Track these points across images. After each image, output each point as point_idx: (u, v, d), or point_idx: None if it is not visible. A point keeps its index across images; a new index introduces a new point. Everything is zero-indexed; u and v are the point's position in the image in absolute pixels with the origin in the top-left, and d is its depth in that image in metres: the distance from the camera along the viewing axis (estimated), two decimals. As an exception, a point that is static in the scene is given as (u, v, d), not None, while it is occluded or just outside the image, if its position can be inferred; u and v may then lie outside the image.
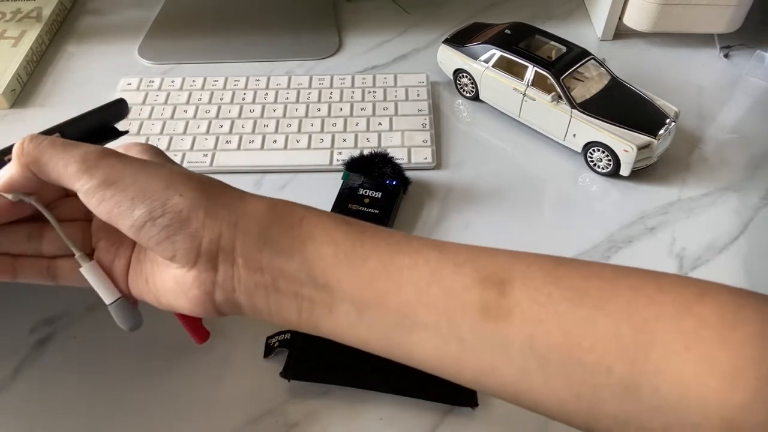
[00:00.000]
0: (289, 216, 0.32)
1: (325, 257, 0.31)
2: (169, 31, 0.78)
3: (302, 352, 0.45)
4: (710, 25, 0.70)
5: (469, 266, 0.30)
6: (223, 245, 0.31)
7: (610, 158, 0.57)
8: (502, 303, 0.28)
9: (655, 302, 0.27)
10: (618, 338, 0.27)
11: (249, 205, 0.33)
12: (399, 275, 0.30)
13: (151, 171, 0.32)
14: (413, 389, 0.43)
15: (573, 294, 0.28)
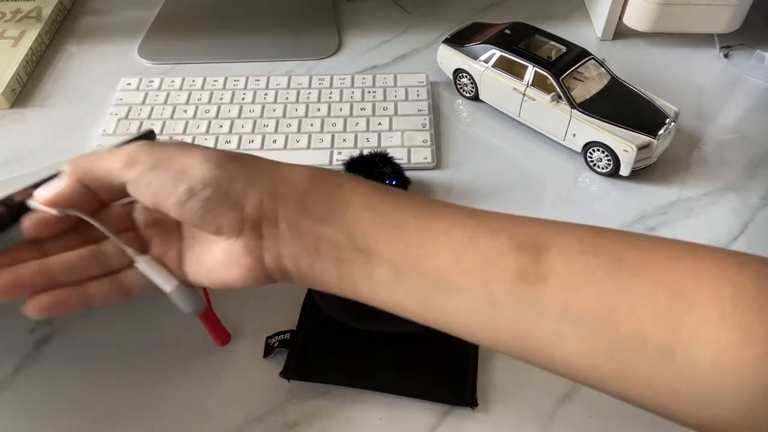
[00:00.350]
0: (328, 182, 0.33)
1: (363, 222, 0.32)
2: (169, 31, 0.78)
3: (302, 352, 0.45)
4: (710, 25, 0.70)
5: (505, 233, 0.30)
6: (265, 212, 0.32)
7: (609, 158, 0.57)
8: (538, 269, 0.29)
9: (693, 271, 0.27)
10: (654, 305, 0.27)
11: (286, 173, 0.33)
12: (436, 241, 0.30)
13: (189, 151, 0.34)
14: (413, 389, 0.43)
15: (610, 261, 0.28)
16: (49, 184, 0.34)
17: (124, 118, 0.65)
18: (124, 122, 0.64)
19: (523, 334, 0.30)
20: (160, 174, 0.33)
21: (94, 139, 0.63)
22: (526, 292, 0.29)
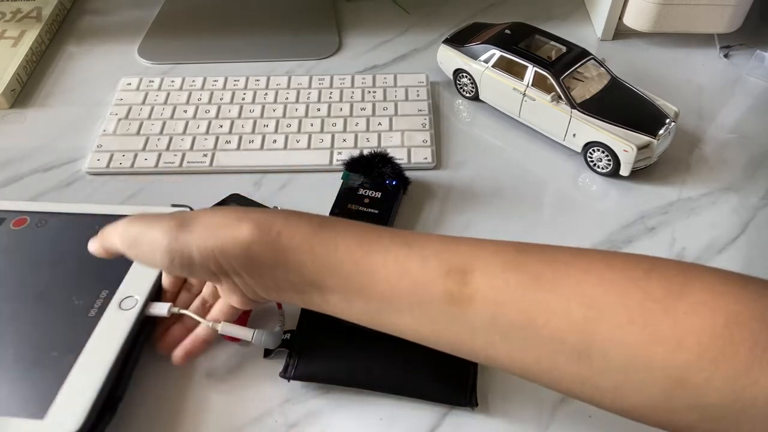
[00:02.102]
0: (269, 233, 0.36)
1: (306, 264, 0.36)
2: (169, 31, 0.78)
3: (302, 352, 0.45)
4: (710, 25, 0.70)
5: (435, 260, 0.34)
6: (225, 269, 0.38)
7: (610, 158, 0.57)
8: (465, 290, 0.33)
9: (604, 280, 0.31)
10: (569, 315, 0.31)
11: (229, 231, 0.37)
12: (373, 273, 0.35)
13: (152, 226, 0.39)
14: (413, 390, 0.43)
15: (529, 278, 0.32)
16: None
17: (124, 118, 0.65)
18: (124, 122, 0.64)
19: (460, 343, 0.34)
20: (137, 251, 0.39)
21: (94, 139, 0.63)
22: (455, 311, 0.33)
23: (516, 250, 0.34)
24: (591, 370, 0.31)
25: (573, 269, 0.32)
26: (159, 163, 0.60)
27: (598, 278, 0.31)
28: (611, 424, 0.43)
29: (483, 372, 0.45)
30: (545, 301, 0.31)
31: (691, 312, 0.28)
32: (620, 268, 0.31)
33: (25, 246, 0.51)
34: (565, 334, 0.31)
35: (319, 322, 0.46)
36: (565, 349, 0.31)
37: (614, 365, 0.30)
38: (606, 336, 0.30)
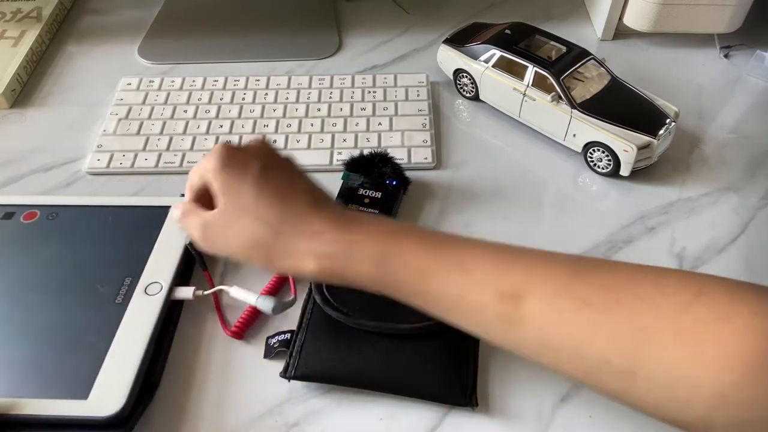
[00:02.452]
0: (331, 268, 0.39)
1: (369, 287, 0.39)
2: (169, 31, 0.78)
3: (302, 352, 0.45)
4: (710, 25, 0.70)
5: (489, 287, 0.36)
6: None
7: (610, 158, 0.57)
8: (517, 313, 0.35)
9: (654, 306, 0.32)
10: (617, 339, 0.32)
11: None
12: (434, 297, 0.38)
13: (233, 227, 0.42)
14: (413, 390, 0.43)
15: (579, 304, 0.34)
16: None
17: (124, 118, 0.65)
18: (124, 122, 0.64)
19: (512, 349, 0.37)
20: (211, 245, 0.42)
21: (94, 139, 0.63)
22: (508, 329, 0.36)
23: (569, 273, 0.35)
24: (635, 388, 0.32)
25: (624, 295, 0.33)
26: (159, 163, 0.60)
27: (648, 304, 0.32)
28: (611, 424, 0.43)
29: (483, 372, 0.45)
30: (594, 325, 0.33)
31: (737, 334, 0.30)
32: (671, 293, 0.32)
33: (40, 239, 0.52)
34: (611, 356, 0.32)
35: (319, 322, 0.46)
36: (611, 369, 0.32)
37: (659, 384, 0.31)
38: (652, 358, 0.31)
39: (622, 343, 0.32)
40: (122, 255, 0.50)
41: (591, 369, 0.33)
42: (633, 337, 0.32)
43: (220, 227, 0.40)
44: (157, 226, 0.52)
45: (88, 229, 0.52)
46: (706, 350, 0.30)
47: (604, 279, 0.35)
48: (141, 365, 0.43)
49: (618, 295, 0.33)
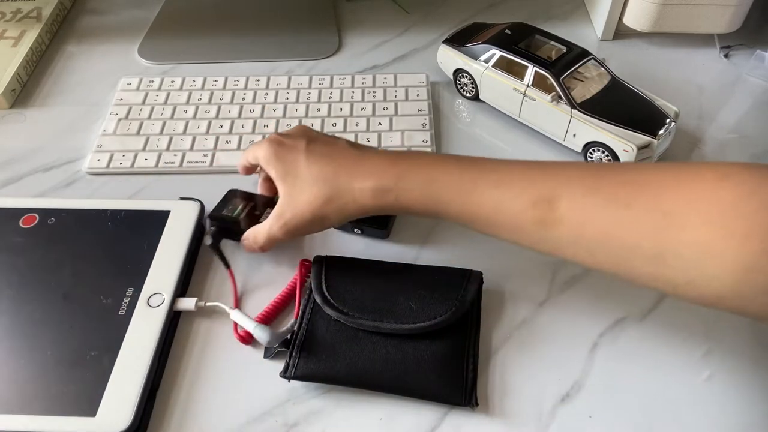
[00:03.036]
0: (384, 198, 0.45)
1: (417, 212, 0.45)
2: (169, 31, 0.78)
3: (302, 352, 0.45)
4: (710, 25, 0.70)
5: (525, 195, 0.40)
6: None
7: (610, 158, 0.57)
8: (552, 215, 0.39)
9: (678, 192, 0.36)
10: (645, 226, 0.36)
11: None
12: (475, 214, 0.42)
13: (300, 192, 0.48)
14: (413, 390, 0.43)
15: (607, 200, 0.38)
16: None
17: (124, 118, 0.65)
18: (124, 122, 0.64)
19: (551, 253, 0.41)
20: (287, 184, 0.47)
21: (94, 139, 0.63)
22: (545, 232, 0.40)
23: (595, 175, 0.40)
24: (666, 269, 0.35)
25: (647, 188, 0.37)
26: (159, 163, 0.60)
27: (673, 191, 0.36)
28: (611, 424, 0.43)
29: (483, 372, 0.45)
30: (622, 217, 0.37)
31: (759, 210, 0.33)
32: (690, 183, 0.36)
33: (39, 245, 0.51)
34: (641, 242, 0.36)
35: (319, 322, 0.46)
36: (642, 254, 0.36)
37: (688, 263, 0.34)
38: (680, 238, 0.34)
39: (650, 228, 0.36)
40: (123, 263, 0.50)
41: (624, 258, 0.37)
42: (660, 222, 0.35)
43: (290, 208, 0.46)
44: (157, 231, 0.52)
45: (88, 235, 0.52)
46: (732, 226, 0.33)
47: (628, 176, 0.39)
48: (147, 379, 0.43)
49: (642, 187, 0.37)
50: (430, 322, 0.45)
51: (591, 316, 0.48)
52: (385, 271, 0.49)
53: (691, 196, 0.35)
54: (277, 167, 0.47)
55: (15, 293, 0.48)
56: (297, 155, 0.46)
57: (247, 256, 0.53)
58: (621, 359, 0.46)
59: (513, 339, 0.47)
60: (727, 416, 0.43)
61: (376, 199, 0.44)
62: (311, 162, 0.46)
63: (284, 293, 0.49)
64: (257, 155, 0.49)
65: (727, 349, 0.46)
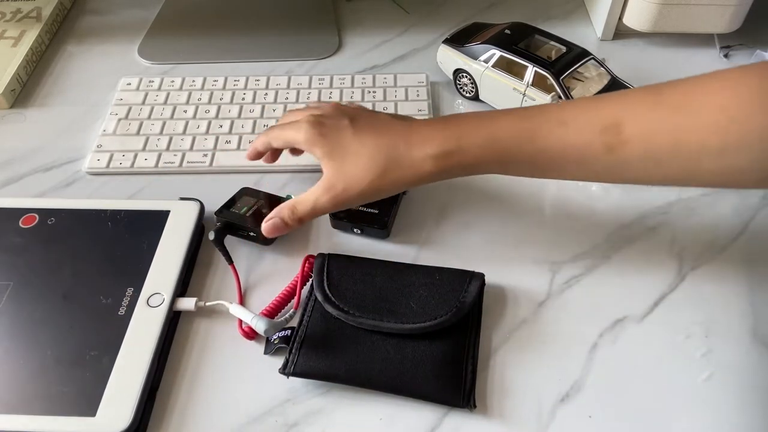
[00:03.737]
0: (446, 162, 0.45)
1: (486, 169, 0.46)
2: (169, 31, 0.78)
3: (302, 349, 0.45)
4: (710, 25, 0.70)
5: (589, 127, 0.43)
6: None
7: (610, 158, 0.57)
8: (620, 138, 0.41)
9: (730, 90, 0.40)
10: (708, 125, 0.39)
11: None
12: (543, 153, 0.44)
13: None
14: (411, 390, 0.43)
15: (670, 109, 0.41)
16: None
17: (124, 118, 0.65)
18: (124, 122, 0.64)
19: (616, 177, 0.44)
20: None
21: (94, 139, 0.63)
22: (614, 157, 0.42)
23: (653, 93, 0.42)
24: (733, 161, 0.39)
25: (702, 94, 0.40)
26: (159, 163, 0.60)
27: (728, 95, 0.39)
28: (611, 424, 0.43)
29: (483, 372, 0.45)
30: (687, 122, 0.40)
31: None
32: (734, 82, 0.40)
33: (40, 245, 0.51)
34: (708, 139, 0.39)
35: (320, 319, 0.46)
36: (710, 152, 0.39)
37: (754, 150, 0.38)
38: (742, 128, 0.38)
39: (713, 126, 0.39)
40: (123, 263, 0.50)
41: (692, 160, 0.40)
42: (720, 116, 0.39)
43: (341, 182, 0.46)
44: (156, 231, 0.52)
45: (88, 234, 0.52)
46: (754, 113, 0.37)
47: (682, 88, 0.41)
48: (146, 380, 0.43)
49: (695, 93, 0.41)
50: (430, 323, 0.45)
51: (591, 316, 0.48)
52: (387, 271, 0.49)
53: (744, 90, 0.39)
54: (323, 145, 0.47)
55: (15, 294, 0.48)
56: (343, 132, 0.47)
57: (249, 253, 0.53)
58: (621, 359, 0.46)
59: (513, 339, 0.47)
60: (727, 416, 0.43)
61: (438, 165, 0.45)
62: (363, 136, 0.46)
63: (287, 289, 0.49)
64: (296, 138, 0.49)
65: (727, 349, 0.46)
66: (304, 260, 0.50)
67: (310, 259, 0.50)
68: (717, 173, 0.40)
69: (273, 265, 0.52)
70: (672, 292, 0.50)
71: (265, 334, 0.45)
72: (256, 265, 0.52)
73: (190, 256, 0.51)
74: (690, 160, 0.40)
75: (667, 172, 0.42)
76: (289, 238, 0.54)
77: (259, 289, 0.51)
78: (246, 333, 0.47)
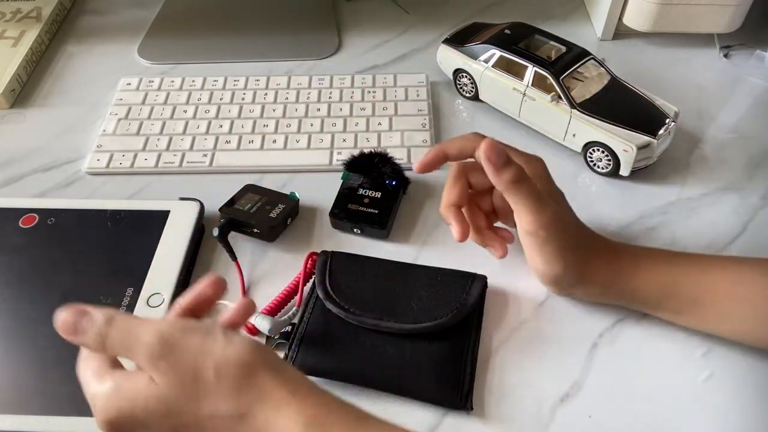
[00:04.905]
0: (623, 259, 0.47)
1: (647, 289, 0.46)
2: (169, 31, 0.78)
3: (301, 345, 0.45)
4: (710, 25, 0.70)
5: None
6: (587, 279, 0.46)
7: (609, 158, 0.57)
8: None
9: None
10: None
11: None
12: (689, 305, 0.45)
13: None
14: (410, 390, 0.43)
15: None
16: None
17: (124, 118, 0.65)
18: (124, 122, 0.64)
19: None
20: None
21: (94, 139, 0.63)
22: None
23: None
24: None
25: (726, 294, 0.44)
26: (159, 163, 0.60)
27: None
28: (611, 424, 0.43)
29: (482, 372, 0.45)
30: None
31: None
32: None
33: (40, 245, 0.51)
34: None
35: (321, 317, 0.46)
36: None
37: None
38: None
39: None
40: (123, 263, 0.50)
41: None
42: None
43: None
44: (156, 231, 0.52)
45: (87, 235, 0.52)
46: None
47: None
48: None
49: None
50: (430, 324, 0.45)
51: (591, 316, 0.48)
52: (389, 270, 0.49)
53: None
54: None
55: (15, 293, 0.48)
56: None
57: (252, 250, 0.53)
58: (621, 359, 0.46)
59: (513, 339, 0.47)
60: (726, 416, 0.43)
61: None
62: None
63: (290, 286, 0.50)
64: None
65: (727, 349, 0.46)
66: (307, 257, 0.50)
67: (313, 257, 0.50)
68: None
69: (276, 262, 0.52)
70: (672, 292, 0.49)
71: (269, 334, 0.45)
72: (260, 261, 0.52)
73: (190, 256, 0.51)
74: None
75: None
76: (291, 236, 0.54)
77: (262, 285, 0.51)
78: (249, 329, 0.47)
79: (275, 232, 0.53)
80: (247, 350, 0.33)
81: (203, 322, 0.35)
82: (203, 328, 0.34)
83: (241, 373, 0.33)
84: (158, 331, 0.33)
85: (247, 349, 0.33)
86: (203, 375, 0.32)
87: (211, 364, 0.32)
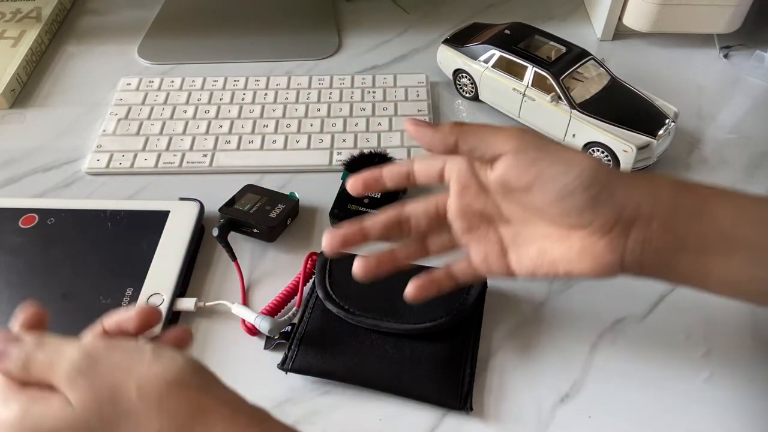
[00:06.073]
0: (694, 186, 0.36)
1: (726, 216, 0.35)
2: (169, 31, 0.78)
3: (301, 345, 0.45)
4: (710, 25, 0.70)
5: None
6: (641, 213, 0.35)
7: (609, 158, 0.57)
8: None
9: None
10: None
11: (654, 180, 0.37)
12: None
13: (570, 149, 0.36)
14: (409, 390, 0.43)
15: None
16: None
17: (124, 118, 0.65)
18: (124, 122, 0.64)
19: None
20: (547, 156, 0.35)
21: (93, 139, 0.63)
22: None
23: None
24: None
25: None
26: (159, 163, 0.60)
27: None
28: (611, 424, 0.43)
29: (482, 372, 0.45)
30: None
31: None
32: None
33: (39, 245, 0.51)
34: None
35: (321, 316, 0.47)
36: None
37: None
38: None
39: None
40: (122, 262, 0.50)
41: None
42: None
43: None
44: (156, 231, 0.52)
45: (87, 235, 0.52)
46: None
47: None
48: None
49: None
50: (430, 324, 0.45)
51: (591, 316, 0.48)
52: (388, 270, 0.49)
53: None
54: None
55: (15, 293, 0.48)
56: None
57: (252, 250, 0.53)
58: (620, 359, 0.46)
59: (513, 339, 0.47)
60: (726, 416, 0.43)
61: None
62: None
63: (290, 286, 0.50)
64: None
65: (727, 349, 0.46)
66: (307, 257, 0.50)
67: (312, 257, 0.50)
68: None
69: (276, 262, 0.52)
70: (672, 292, 0.49)
71: (269, 334, 0.45)
72: (259, 261, 0.52)
73: (189, 257, 0.51)
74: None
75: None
76: (291, 236, 0.54)
77: (261, 285, 0.51)
78: (249, 329, 0.47)
79: (275, 232, 0.53)
80: (177, 367, 0.31)
81: (135, 340, 0.33)
82: (132, 345, 0.32)
83: (167, 391, 0.30)
84: (84, 345, 0.31)
85: (177, 365, 0.31)
86: (124, 395, 0.29)
87: (133, 382, 0.29)
